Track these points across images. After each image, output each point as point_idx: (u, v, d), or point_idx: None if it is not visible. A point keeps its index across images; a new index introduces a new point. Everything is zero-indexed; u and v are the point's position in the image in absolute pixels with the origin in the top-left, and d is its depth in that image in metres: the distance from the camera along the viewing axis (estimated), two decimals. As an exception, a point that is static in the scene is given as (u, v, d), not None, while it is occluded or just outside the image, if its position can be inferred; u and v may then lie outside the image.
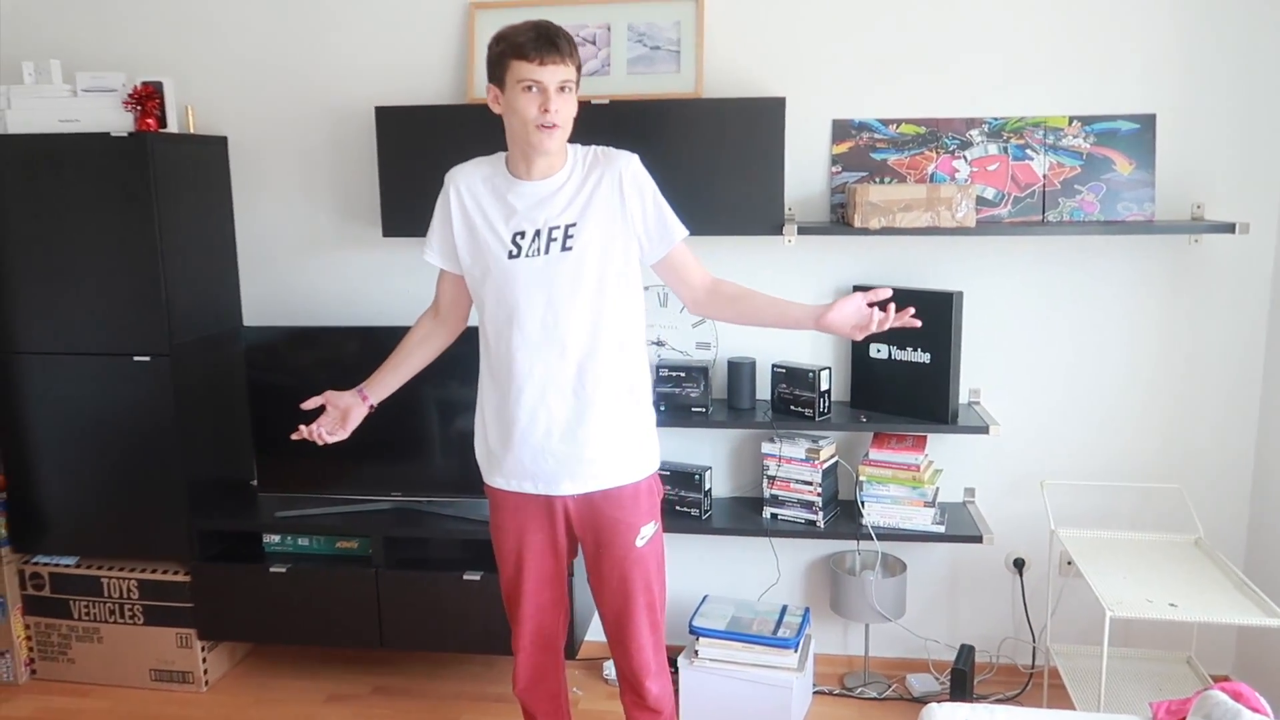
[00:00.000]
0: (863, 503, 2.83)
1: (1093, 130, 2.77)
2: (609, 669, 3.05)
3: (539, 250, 1.94)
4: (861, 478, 2.83)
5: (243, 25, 3.07)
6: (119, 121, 2.85)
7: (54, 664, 3.11)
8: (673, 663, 2.95)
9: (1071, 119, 2.77)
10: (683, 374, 2.88)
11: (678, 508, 2.93)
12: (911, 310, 1.92)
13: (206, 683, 3.07)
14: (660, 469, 2.89)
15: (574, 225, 1.95)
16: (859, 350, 2.90)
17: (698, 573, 3.14)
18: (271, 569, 2.95)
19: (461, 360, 2.44)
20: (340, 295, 3.17)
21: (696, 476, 2.90)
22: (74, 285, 2.87)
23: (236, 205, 3.18)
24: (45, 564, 3.07)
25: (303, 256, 3.17)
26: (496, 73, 1.89)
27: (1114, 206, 2.76)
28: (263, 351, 3.01)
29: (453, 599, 2.89)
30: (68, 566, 3.06)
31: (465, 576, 2.87)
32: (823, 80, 2.86)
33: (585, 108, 2.72)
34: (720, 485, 3.09)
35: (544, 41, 1.83)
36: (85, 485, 2.98)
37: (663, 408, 2.88)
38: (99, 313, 2.87)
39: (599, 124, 2.73)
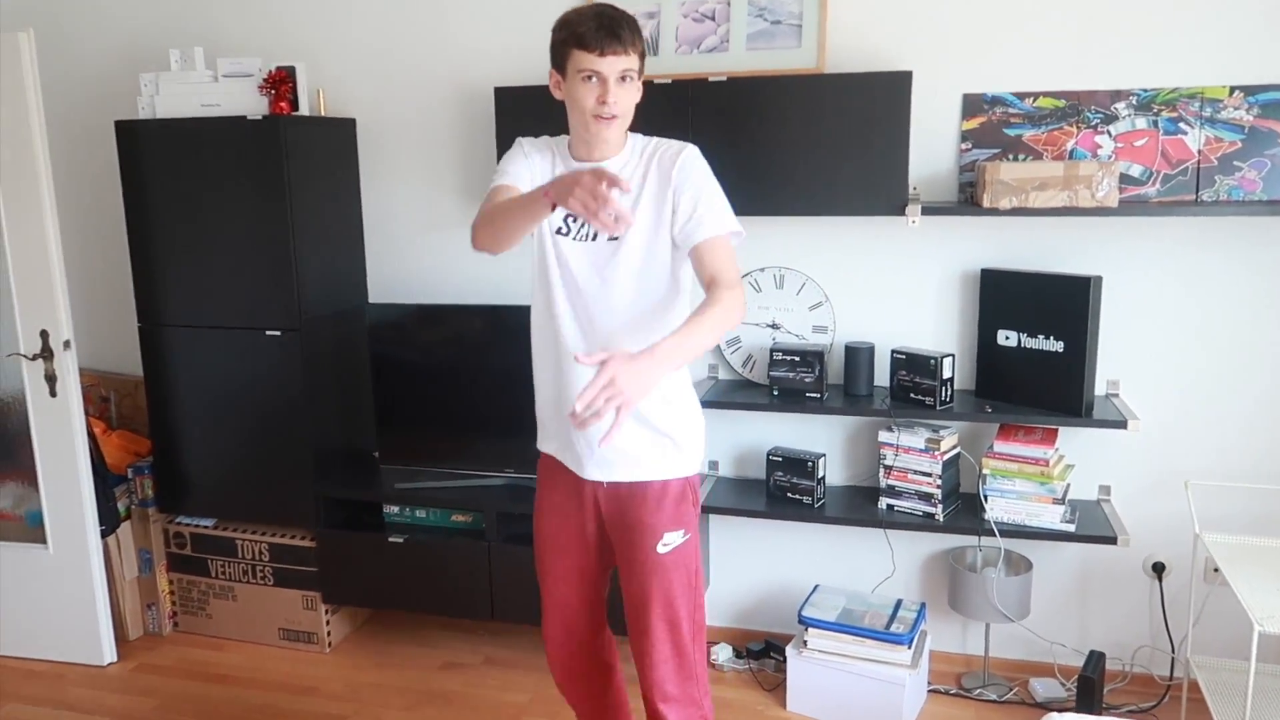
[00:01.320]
0: (986, 497, 2.70)
1: (1257, 101, 2.53)
2: (716, 653, 3.03)
3: (587, 235, 1.89)
4: (985, 470, 2.70)
5: (370, 9, 3.15)
6: (255, 105, 2.97)
7: (194, 618, 3.31)
8: (780, 651, 2.90)
9: (1232, 89, 2.54)
10: (797, 358, 2.80)
11: (789, 495, 2.87)
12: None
13: (330, 644, 3.20)
14: (773, 454, 2.88)
15: None
16: (985, 337, 2.76)
17: (809, 561, 3.07)
18: (390, 538, 3.05)
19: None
20: (460, 273, 3.22)
21: (810, 463, 2.82)
22: (213, 262, 3.03)
23: (363, 185, 3.27)
24: (187, 524, 3.26)
25: (425, 235, 3.24)
26: (558, 59, 1.84)
27: (1279, 185, 2.53)
28: (386, 327, 3.10)
29: (562, 576, 2.92)
30: (206, 527, 3.24)
31: (575, 555, 2.89)
32: (953, 52, 2.71)
33: (703, 85, 2.69)
34: (834, 473, 3.01)
35: (605, 32, 1.77)
36: (222, 451, 3.15)
37: (776, 392, 2.82)
38: (235, 288, 3.02)
39: (716, 101, 2.69)
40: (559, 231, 1.91)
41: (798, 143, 2.66)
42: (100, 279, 3.56)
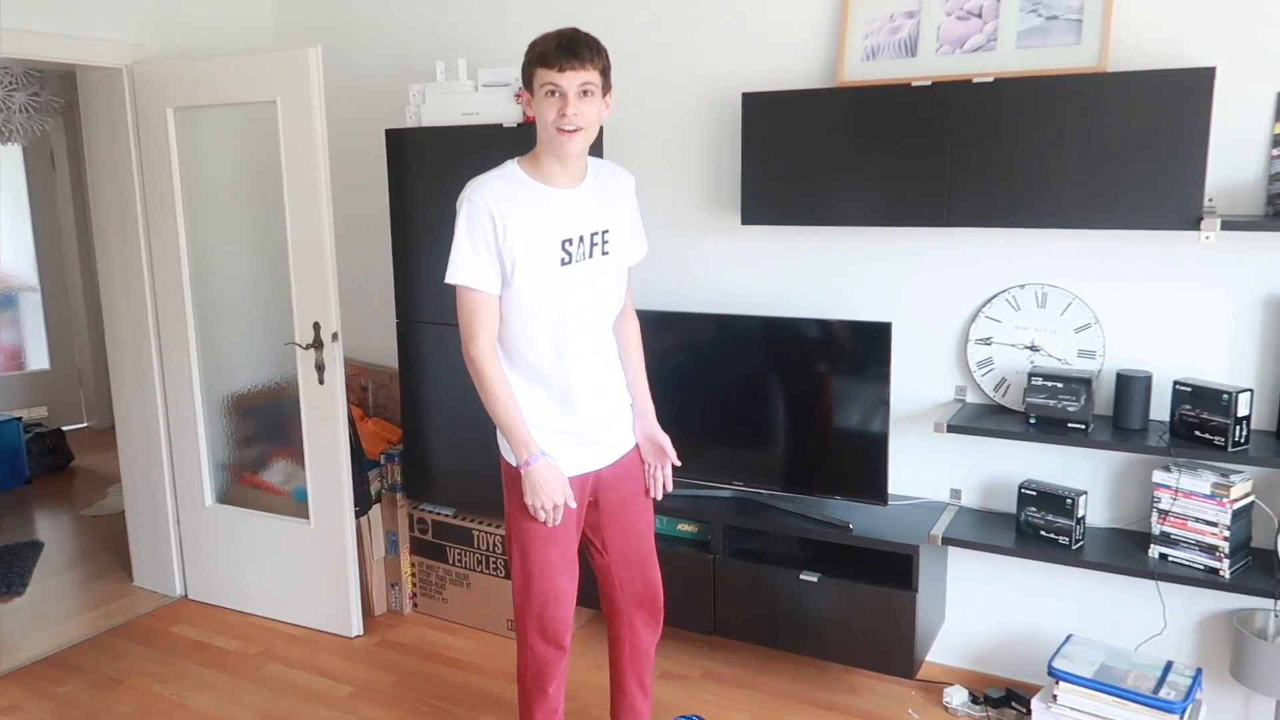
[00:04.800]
0: (1285, 555, 2.35)
1: None
2: (949, 695, 2.82)
3: (585, 255, 2.10)
4: (1285, 525, 2.35)
5: (619, 18, 3.18)
6: (512, 113, 3.08)
7: (432, 600, 3.49)
8: (1023, 703, 2.67)
9: None
10: (1059, 384, 2.55)
11: (1043, 533, 2.62)
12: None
13: (554, 640, 3.26)
14: (1025, 487, 2.65)
15: (608, 231, 2.14)
16: (1293, 371, 2.40)
17: (1061, 608, 2.80)
18: (617, 542, 3.06)
19: (842, 358, 2.34)
20: (698, 282, 3.20)
21: (1068, 501, 2.57)
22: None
23: (607, 191, 3.31)
24: (429, 511, 3.43)
25: (663, 243, 3.24)
26: (526, 78, 2.04)
27: None
28: (622, 333, 3.11)
29: (788, 596, 2.82)
30: (446, 516, 3.40)
31: (802, 576, 2.79)
32: (1265, 43, 2.38)
33: (965, 87, 2.51)
34: (1096, 513, 2.72)
35: (564, 50, 1.96)
36: (464, 444, 3.28)
37: (1033, 420, 2.59)
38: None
39: (980, 104, 2.51)
40: (564, 263, 2.07)
41: (1072, 149, 2.43)
42: (365, 277, 3.83)
